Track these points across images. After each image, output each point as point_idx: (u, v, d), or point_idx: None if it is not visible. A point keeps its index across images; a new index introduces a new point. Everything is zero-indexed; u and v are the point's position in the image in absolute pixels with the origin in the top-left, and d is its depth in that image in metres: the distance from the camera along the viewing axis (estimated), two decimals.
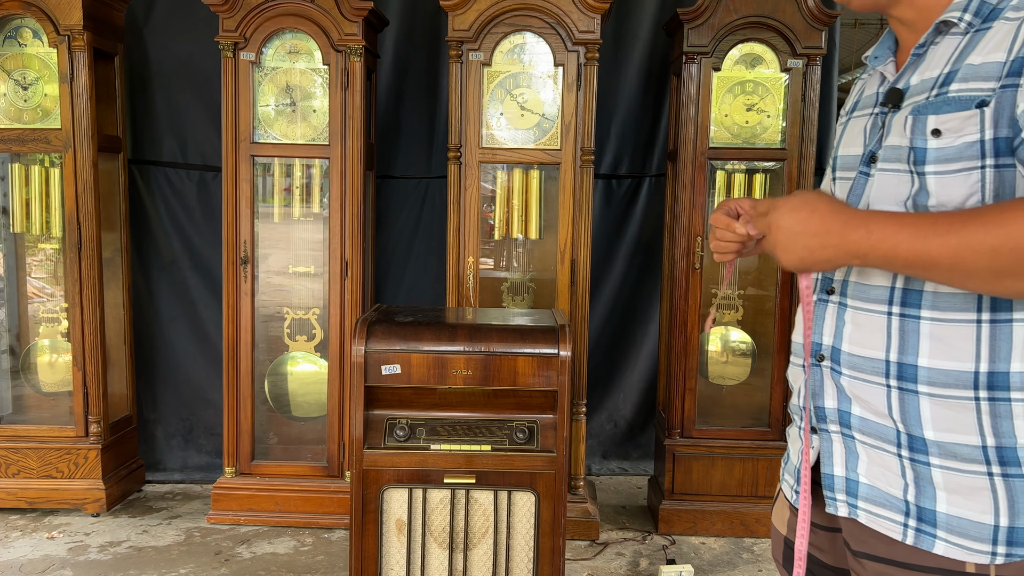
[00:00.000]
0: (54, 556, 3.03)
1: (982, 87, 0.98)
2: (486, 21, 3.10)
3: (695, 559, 3.12)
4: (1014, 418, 0.97)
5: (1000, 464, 0.98)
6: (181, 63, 3.69)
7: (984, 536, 0.98)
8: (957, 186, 0.99)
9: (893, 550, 1.04)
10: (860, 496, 1.08)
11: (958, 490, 1.00)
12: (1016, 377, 0.97)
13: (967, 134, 0.98)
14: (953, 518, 1.00)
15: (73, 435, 3.38)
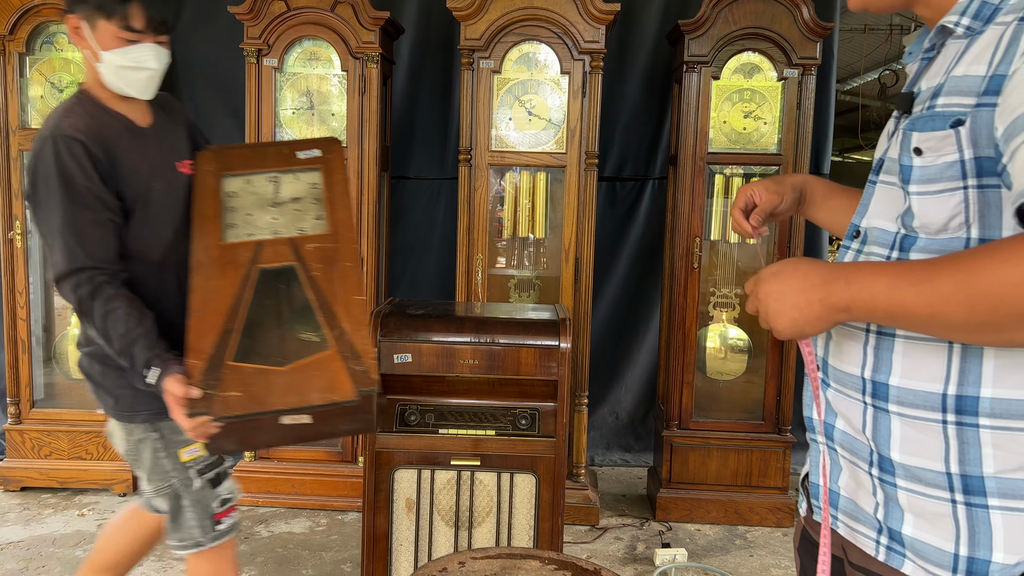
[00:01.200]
0: (85, 531, 3.22)
1: (961, 103, 0.93)
2: (496, 31, 3.27)
3: (690, 544, 3.28)
4: (981, 446, 0.94)
5: (964, 493, 0.95)
6: (206, 67, 3.87)
7: (945, 563, 0.96)
8: (939, 207, 0.95)
9: (871, 562, 1.05)
10: (840, 508, 1.08)
11: (922, 514, 0.98)
12: (985, 403, 0.93)
13: (946, 154, 0.94)
14: (917, 541, 0.98)
15: (102, 419, 3.54)
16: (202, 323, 1.63)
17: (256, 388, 1.56)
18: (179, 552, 1.89)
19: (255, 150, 2.02)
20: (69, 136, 1.66)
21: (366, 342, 1.63)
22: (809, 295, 0.96)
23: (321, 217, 1.88)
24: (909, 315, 0.89)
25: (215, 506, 1.86)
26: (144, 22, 1.69)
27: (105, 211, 1.70)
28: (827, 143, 3.91)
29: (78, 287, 1.66)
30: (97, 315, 1.64)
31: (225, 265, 1.73)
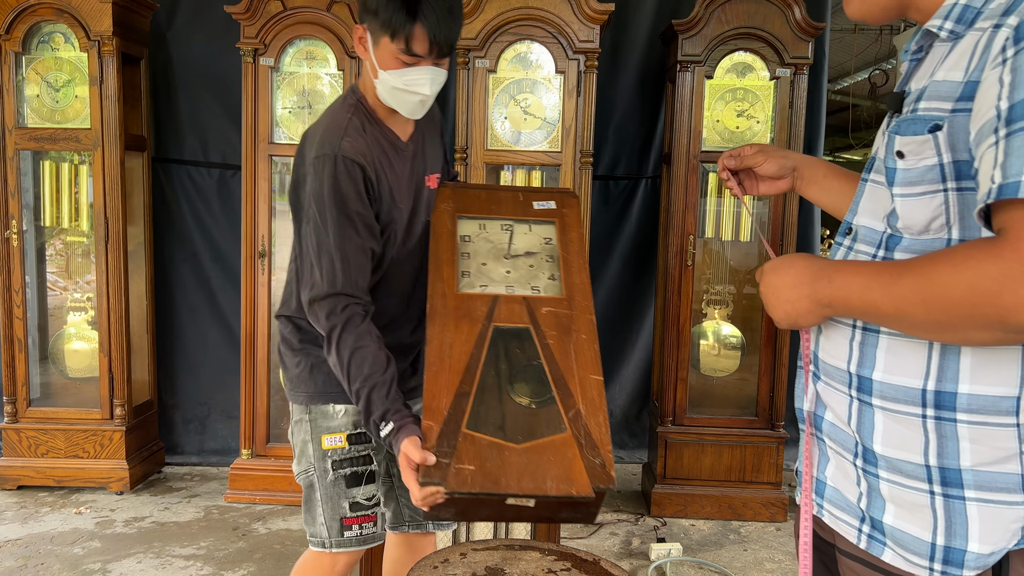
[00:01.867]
0: (82, 529, 3.23)
1: (940, 108, 0.96)
2: (492, 30, 3.29)
3: (684, 539, 3.31)
4: (959, 440, 0.96)
5: (942, 484, 0.98)
6: (203, 66, 3.88)
7: (923, 552, 0.99)
8: (921, 208, 0.98)
9: (855, 549, 1.08)
10: (825, 497, 1.12)
11: (902, 504, 1.01)
12: (963, 399, 0.96)
13: (926, 158, 0.97)
14: (897, 530, 1.01)
15: (99, 418, 3.58)
16: (438, 381, 1.56)
17: (491, 464, 1.48)
18: (309, 545, 1.84)
19: (490, 193, 1.94)
20: (351, 159, 1.63)
21: (603, 430, 1.54)
22: (800, 291, 1.04)
23: (555, 278, 1.80)
24: (879, 313, 0.96)
25: (345, 507, 1.80)
26: (426, 47, 1.60)
27: (371, 239, 1.68)
28: (819, 142, 3.95)
29: (332, 314, 1.62)
30: (345, 349, 1.60)
31: (461, 318, 1.66)
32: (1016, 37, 0.87)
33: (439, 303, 1.68)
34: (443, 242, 1.78)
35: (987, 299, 0.85)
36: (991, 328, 0.87)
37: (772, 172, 1.46)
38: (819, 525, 1.17)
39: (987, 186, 0.87)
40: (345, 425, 1.80)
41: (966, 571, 0.97)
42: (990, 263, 0.85)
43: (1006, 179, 0.85)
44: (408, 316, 1.88)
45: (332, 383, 1.75)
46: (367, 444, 1.82)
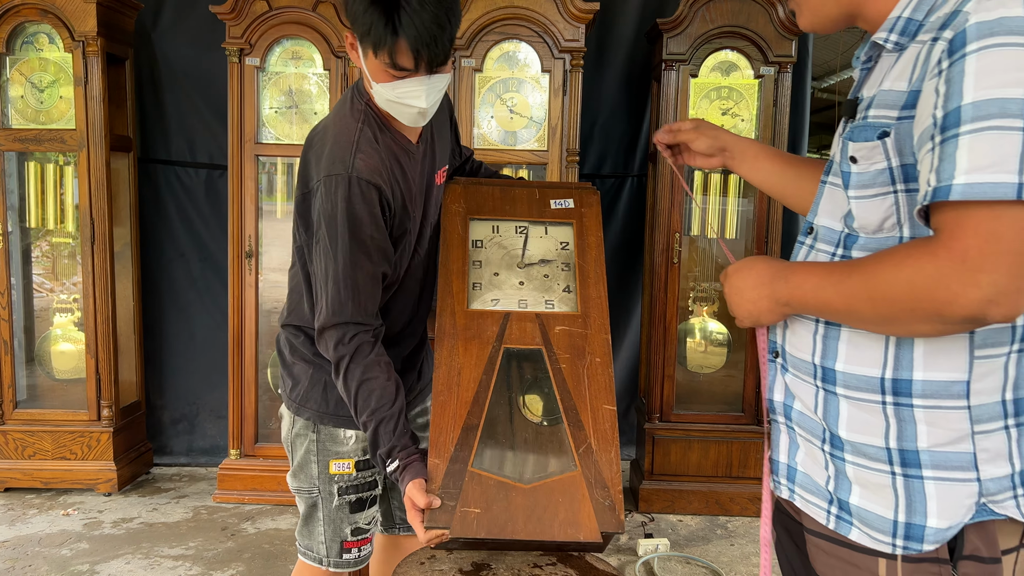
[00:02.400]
0: (70, 531, 3.23)
1: (887, 115, 1.02)
2: (478, 30, 3.30)
3: (672, 535, 3.34)
4: (916, 423, 1.03)
5: (902, 465, 1.04)
6: (189, 67, 3.87)
7: (886, 529, 1.05)
8: (873, 209, 1.05)
9: (824, 529, 1.14)
10: (796, 483, 1.18)
11: (866, 485, 1.07)
12: (917, 385, 1.03)
13: (876, 162, 1.03)
14: (862, 510, 1.08)
15: (86, 419, 3.57)
16: (445, 412, 1.53)
17: (498, 507, 1.46)
18: (299, 554, 1.81)
19: (504, 190, 1.81)
20: (367, 180, 1.52)
21: (613, 467, 1.50)
22: (760, 291, 1.13)
23: (570, 290, 1.70)
24: (831, 310, 1.04)
25: (347, 532, 1.76)
26: (413, 61, 1.45)
27: (383, 263, 1.60)
28: (803, 140, 3.98)
29: (340, 344, 1.56)
30: (352, 380, 1.55)
31: (470, 339, 1.60)
32: (950, 50, 0.92)
33: (448, 322, 1.61)
34: (454, 250, 1.70)
35: (924, 294, 0.92)
36: (930, 321, 0.94)
37: (703, 149, 1.56)
38: (789, 507, 1.24)
39: (924, 188, 0.94)
40: (355, 451, 1.74)
41: (926, 545, 1.03)
42: (925, 261, 0.92)
43: (940, 182, 0.91)
44: (413, 328, 1.82)
45: (345, 406, 1.66)
46: (374, 469, 1.77)
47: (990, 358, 1.01)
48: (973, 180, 0.87)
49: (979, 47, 0.89)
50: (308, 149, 1.64)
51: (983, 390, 1.02)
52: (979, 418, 1.02)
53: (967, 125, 0.88)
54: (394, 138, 1.62)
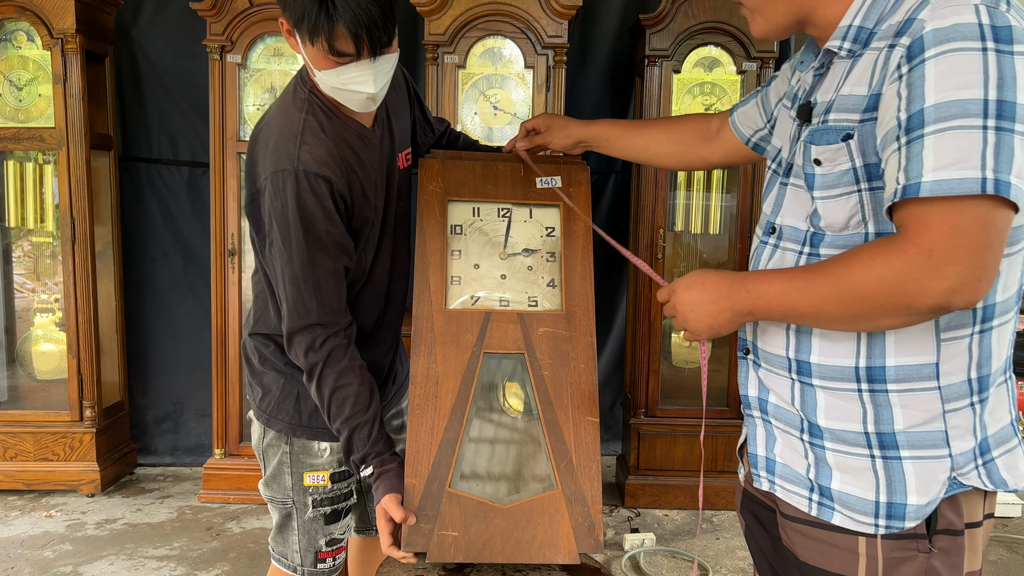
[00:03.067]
0: (53, 532, 3.20)
1: (849, 118, 1.07)
2: (460, 26, 3.30)
3: (658, 529, 3.35)
4: (892, 407, 1.08)
5: (880, 448, 1.10)
6: (169, 64, 3.84)
7: (868, 511, 1.10)
8: (839, 208, 1.10)
9: (803, 516, 1.18)
10: (776, 474, 1.22)
11: (847, 470, 1.12)
12: (891, 371, 1.08)
13: (840, 163, 1.08)
14: (844, 494, 1.12)
15: (68, 420, 3.54)
16: (421, 429, 1.47)
17: (475, 529, 1.43)
18: (273, 560, 1.78)
19: (486, 166, 1.65)
20: (315, 173, 1.44)
21: (594, 483, 1.46)
22: (720, 305, 1.13)
23: (555, 284, 1.61)
24: (798, 314, 1.07)
25: (322, 543, 1.72)
26: (353, 46, 1.36)
27: (342, 257, 1.52)
28: None
29: (311, 350, 1.50)
30: (326, 387, 1.50)
31: (448, 343, 1.52)
32: (909, 56, 0.98)
33: (424, 326, 1.53)
34: (432, 239, 1.59)
35: (895, 289, 0.96)
36: (899, 314, 0.99)
37: (562, 148, 1.65)
38: (760, 495, 1.30)
39: (893, 187, 0.98)
40: (329, 463, 1.70)
41: (907, 522, 1.09)
42: (895, 257, 0.96)
43: (908, 180, 0.95)
44: (389, 322, 1.74)
45: (319, 418, 1.62)
46: (349, 479, 1.74)
47: (955, 340, 1.07)
48: (940, 177, 0.92)
49: (937, 52, 0.94)
50: (253, 145, 1.55)
51: (951, 371, 1.08)
52: (948, 397, 1.08)
53: (931, 126, 0.94)
54: (345, 125, 1.54)
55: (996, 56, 0.92)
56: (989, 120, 0.91)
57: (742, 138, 1.52)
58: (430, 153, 1.67)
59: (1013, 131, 0.91)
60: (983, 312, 1.06)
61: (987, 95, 0.91)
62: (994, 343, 1.09)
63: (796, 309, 1.06)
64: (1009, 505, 3.54)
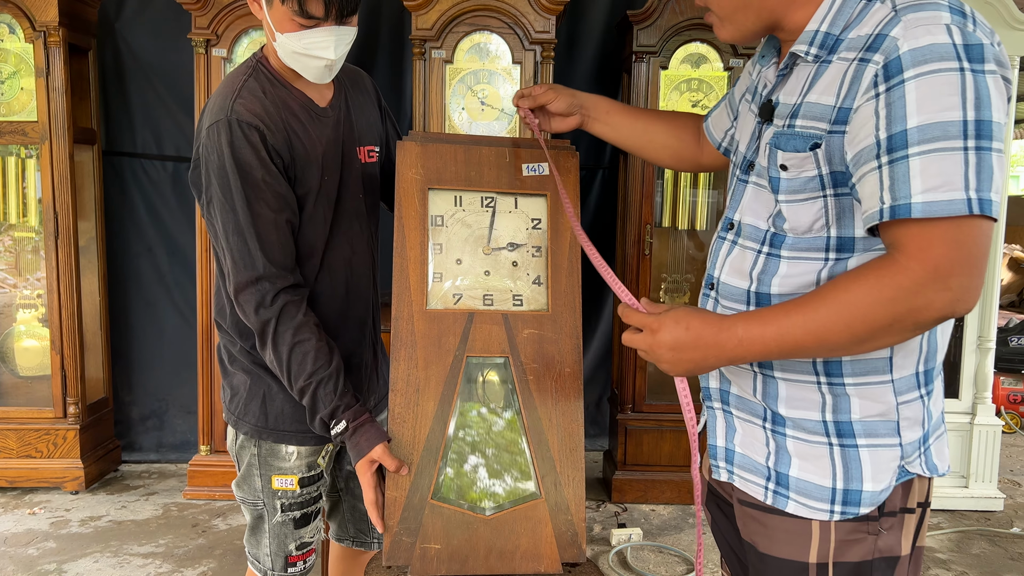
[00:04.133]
0: (37, 530, 3.17)
1: (817, 127, 1.08)
2: (448, 21, 3.28)
3: (645, 524, 3.36)
4: (850, 397, 1.12)
5: (837, 436, 1.14)
6: (154, 58, 3.80)
7: (824, 497, 1.14)
8: (805, 212, 1.12)
9: (759, 504, 1.21)
10: (735, 463, 1.24)
11: (806, 457, 1.15)
12: (846, 365, 1.12)
13: (807, 170, 1.10)
14: (801, 481, 1.15)
15: (52, 416, 3.51)
16: (402, 436, 1.43)
17: (458, 541, 1.41)
18: (248, 563, 1.76)
19: (469, 150, 1.56)
20: (245, 122, 1.45)
21: (578, 491, 1.44)
22: (705, 352, 1.09)
23: (541, 282, 1.54)
24: (798, 349, 1.06)
25: (291, 548, 1.70)
26: (323, 9, 1.41)
27: (285, 209, 1.49)
28: None
29: (261, 307, 1.46)
30: (283, 345, 1.46)
31: (429, 348, 1.46)
32: (886, 75, 0.99)
33: (404, 328, 1.46)
34: (411, 233, 1.51)
35: (905, 307, 0.99)
36: (906, 331, 1.01)
37: (562, 109, 1.57)
38: (720, 487, 1.33)
39: (877, 206, 1.01)
40: (298, 468, 1.66)
41: (862, 508, 1.13)
42: (901, 277, 0.98)
43: (897, 201, 0.98)
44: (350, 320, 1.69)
45: (285, 419, 1.61)
46: (319, 483, 1.71)
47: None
48: (930, 199, 0.96)
49: (916, 73, 0.97)
50: (200, 120, 1.55)
51: (903, 364, 1.12)
52: (900, 390, 1.13)
53: (915, 147, 0.97)
54: (290, 93, 1.55)
55: (972, 76, 0.95)
56: (969, 141, 0.95)
57: (715, 143, 1.51)
58: (408, 135, 1.56)
59: (991, 149, 0.96)
60: None
61: (966, 116, 0.95)
62: (940, 337, 1.15)
63: (798, 344, 1.05)
64: (991, 499, 3.58)
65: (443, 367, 1.47)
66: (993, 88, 0.96)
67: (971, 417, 3.56)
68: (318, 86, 1.60)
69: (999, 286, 3.57)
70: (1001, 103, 0.97)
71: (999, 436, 3.57)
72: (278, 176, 1.48)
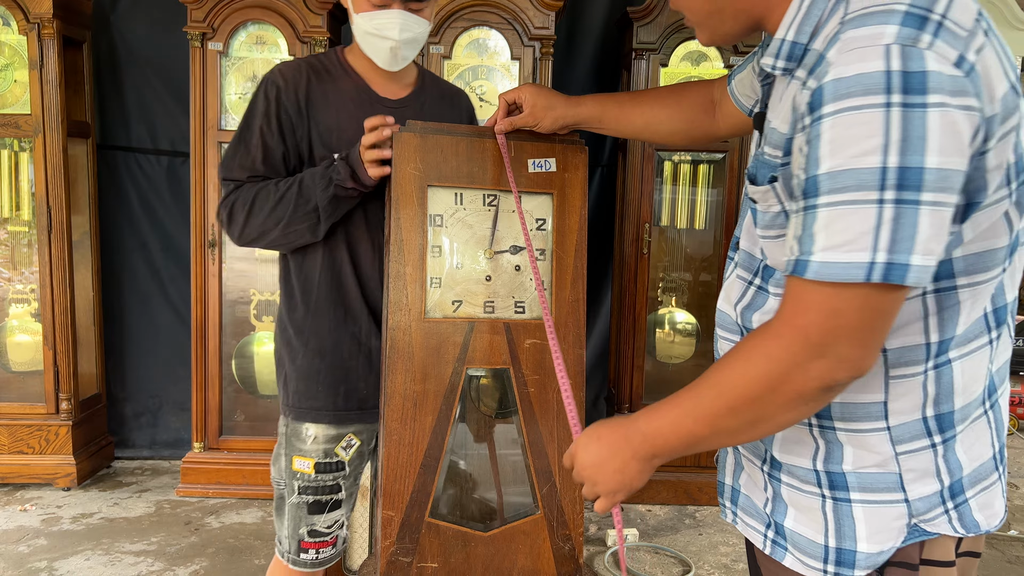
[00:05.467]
0: (28, 527, 3.15)
1: (775, 155, 0.98)
2: (446, 16, 3.26)
3: (641, 524, 3.34)
4: (842, 444, 1.00)
5: (830, 488, 1.01)
6: (149, 51, 3.77)
7: (817, 554, 1.02)
8: (778, 250, 1.02)
9: (760, 554, 1.12)
10: (739, 505, 1.16)
11: (800, 507, 1.05)
12: (836, 408, 1.00)
13: (773, 205, 1.01)
14: (796, 534, 1.05)
15: (44, 412, 3.48)
16: (399, 454, 1.40)
17: (455, 559, 1.39)
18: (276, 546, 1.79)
19: (471, 143, 1.47)
20: (271, 78, 1.63)
21: (576, 505, 1.42)
22: (622, 457, 1.02)
23: (545, 287, 1.49)
24: (699, 440, 0.97)
25: (304, 532, 1.72)
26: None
27: (261, 164, 1.62)
28: None
29: (226, 197, 1.63)
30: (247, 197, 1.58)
31: (428, 358, 1.42)
32: (812, 105, 0.86)
33: (401, 339, 1.41)
34: (409, 235, 1.44)
35: (780, 379, 0.89)
36: (794, 405, 0.90)
37: (549, 130, 1.51)
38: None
39: (788, 256, 0.91)
40: (315, 452, 1.70)
41: (857, 571, 1.00)
42: (772, 345, 0.89)
43: (798, 255, 0.88)
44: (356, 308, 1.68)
45: (300, 397, 1.67)
46: (336, 473, 1.72)
47: (906, 378, 0.97)
48: (827, 259, 0.84)
49: (833, 110, 0.83)
50: None
51: (901, 409, 0.98)
52: (900, 438, 0.99)
53: (824, 197, 0.84)
54: (349, 78, 1.69)
55: (901, 113, 0.79)
56: (887, 193, 0.80)
57: (744, 109, 1.35)
58: (407, 125, 1.50)
59: (918, 202, 0.80)
60: (937, 347, 0.96)
61: (886, 162, 0.79)
62: (958, 376, 0.97)
63: (694, 435, 0.96)
64: None
65: (442, 379, 1.42)
66: (936, 125, 0.79)
67: None
68: (391, 81, 1.71)
69: None
70: (951, 142, 0.80)
71: None
72: (275, 134, 1.62)
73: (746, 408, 0.92)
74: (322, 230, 1.58)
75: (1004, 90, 0.86)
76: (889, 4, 0.83)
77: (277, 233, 1.58)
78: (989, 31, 0.88)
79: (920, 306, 0.93)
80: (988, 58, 0.85)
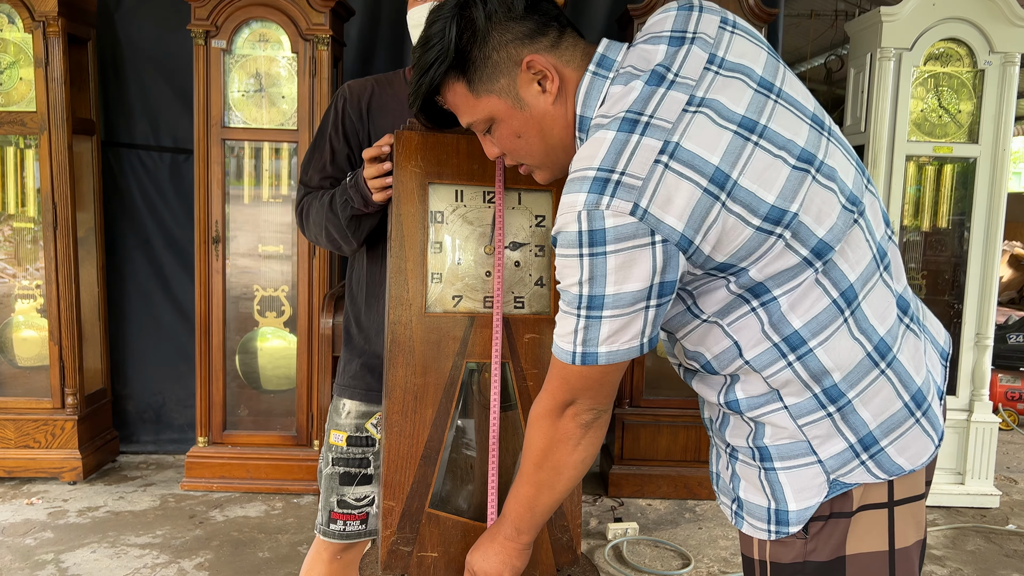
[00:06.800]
0: (35, 520, 3.18)
1: None
2: None
3: (641, 518, 3.37)
4: (764, 424, 1.20)
5: (760, 460, 1.21)
6: (153, 49, 3.80)
7: (763, 517, 1.22)
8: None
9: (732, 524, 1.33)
10: (718, 487, 1.33)
11: (748, 479, 1.24)
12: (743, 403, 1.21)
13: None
14: (748, 502, 1.24)
15: (50, 407, 3.52)
16: (400, 446, 1.42)
17: (455, 549, 1.42)
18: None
19: (472, 140, 1.45)
20: (340, 91, 1.75)
21: (574, 498, 1.45)
22: (494, 550, 1.33)
23: (543, 283, 1.51)
24: (532, 500, 1.27)
25: (334, 502, 1.78)
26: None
27: (330, 165, 1.75)
28: None
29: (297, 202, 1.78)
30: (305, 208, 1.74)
31: (428, 352, 1.44)
32: (554, 240, 1.14)
33: (402, 333, 1.44)
34: (411, 231, 1.47)
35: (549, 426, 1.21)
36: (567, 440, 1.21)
37: None
38: None
39: None
40: (348, 426, 1.77)
41: (791, 527, 1.20)
42: (538, 408, 1.23)
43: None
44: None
45: (342, 375, 1.82)
46: (366, 448, 1.78)
47: (778, 372, 1.16)
48: (556, 344, 1.17)
49: (559, 253, 1.11)
50: None
51: (792, 392, 1.17)
52: (799, 414, 1.17)
53: (559, 303, 1.16)
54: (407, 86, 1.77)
55: (589, 260, 1.07)
56: (582, 311, 1.11)
57: None
58: (408, 124, 1.51)
59: (600, 316, 1.10)
60: (786, 343, 1.14)
61: (582, 291, 1.09)
62: (824, 358, 1.14)
63: (527, 497, 1.27)
64: (987, 496, 3.58)
65: (442, 373, 1.44)
66: (613, 265, 1.06)
67: (968, 414, 3.57)
68: None
69: (997, 283, 3.56)
70: (630, 272, 1.06)
71: (996, 433, 3.57)
72: (341, 139, 1.74)
73: (546, 466, 1.23)
74: (354, 241, 1.70)
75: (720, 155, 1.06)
76: (584, 170, 1.07)
77: (324, 242, 1.73)
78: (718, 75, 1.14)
79: (755, 319, 1.13)
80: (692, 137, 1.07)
